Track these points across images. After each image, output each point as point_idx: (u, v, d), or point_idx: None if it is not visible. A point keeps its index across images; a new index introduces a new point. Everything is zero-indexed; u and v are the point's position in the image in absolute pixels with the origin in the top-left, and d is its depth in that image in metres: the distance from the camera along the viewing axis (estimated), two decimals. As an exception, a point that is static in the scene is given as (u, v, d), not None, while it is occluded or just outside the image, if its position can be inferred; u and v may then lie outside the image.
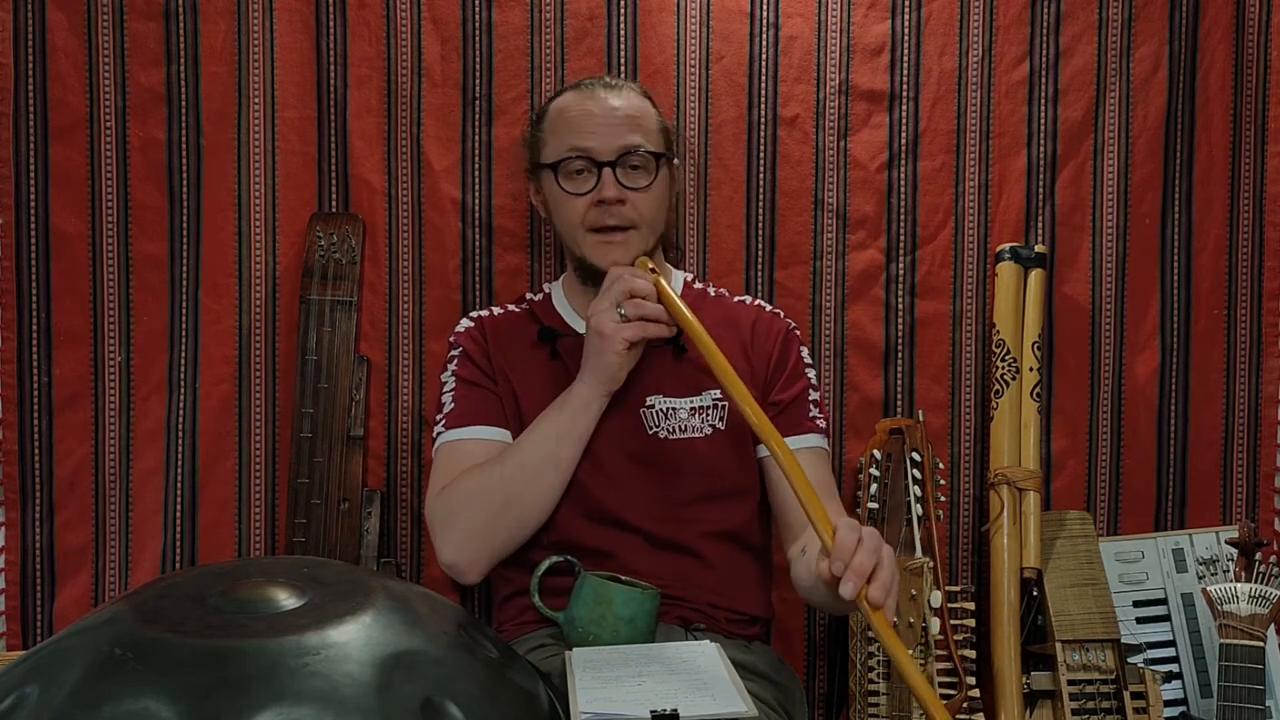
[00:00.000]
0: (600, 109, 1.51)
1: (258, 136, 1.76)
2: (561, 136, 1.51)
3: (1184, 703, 1.71)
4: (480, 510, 1.42)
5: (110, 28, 1.74)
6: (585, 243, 1.51)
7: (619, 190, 1.48)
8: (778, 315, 1.64)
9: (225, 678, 0.90)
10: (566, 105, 1.54)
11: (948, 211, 1.84)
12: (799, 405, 1.55)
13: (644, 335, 1.41)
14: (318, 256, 1.76)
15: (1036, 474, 1.73)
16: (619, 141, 1.49)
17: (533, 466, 1.42)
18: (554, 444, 1.43)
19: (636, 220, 1.50)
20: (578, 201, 1.49)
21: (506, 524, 1.43)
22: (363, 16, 1.77)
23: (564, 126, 1.52)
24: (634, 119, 1.52)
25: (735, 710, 1.05)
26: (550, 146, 1.53)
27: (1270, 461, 1.88)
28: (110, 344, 1.77)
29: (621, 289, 1.41)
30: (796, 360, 1.58)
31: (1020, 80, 1.83)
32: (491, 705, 0.99)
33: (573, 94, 1.55)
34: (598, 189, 1.48)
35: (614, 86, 1.55)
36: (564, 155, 1.49)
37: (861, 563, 1.10)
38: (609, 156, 1.48)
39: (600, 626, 1.36)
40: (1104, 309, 1.85)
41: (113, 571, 1.77)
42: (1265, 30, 1.83)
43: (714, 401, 1.52)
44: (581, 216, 1.50)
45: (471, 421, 1.51)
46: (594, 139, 1.49)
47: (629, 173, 1.49)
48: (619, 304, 1.40)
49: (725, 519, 1.51)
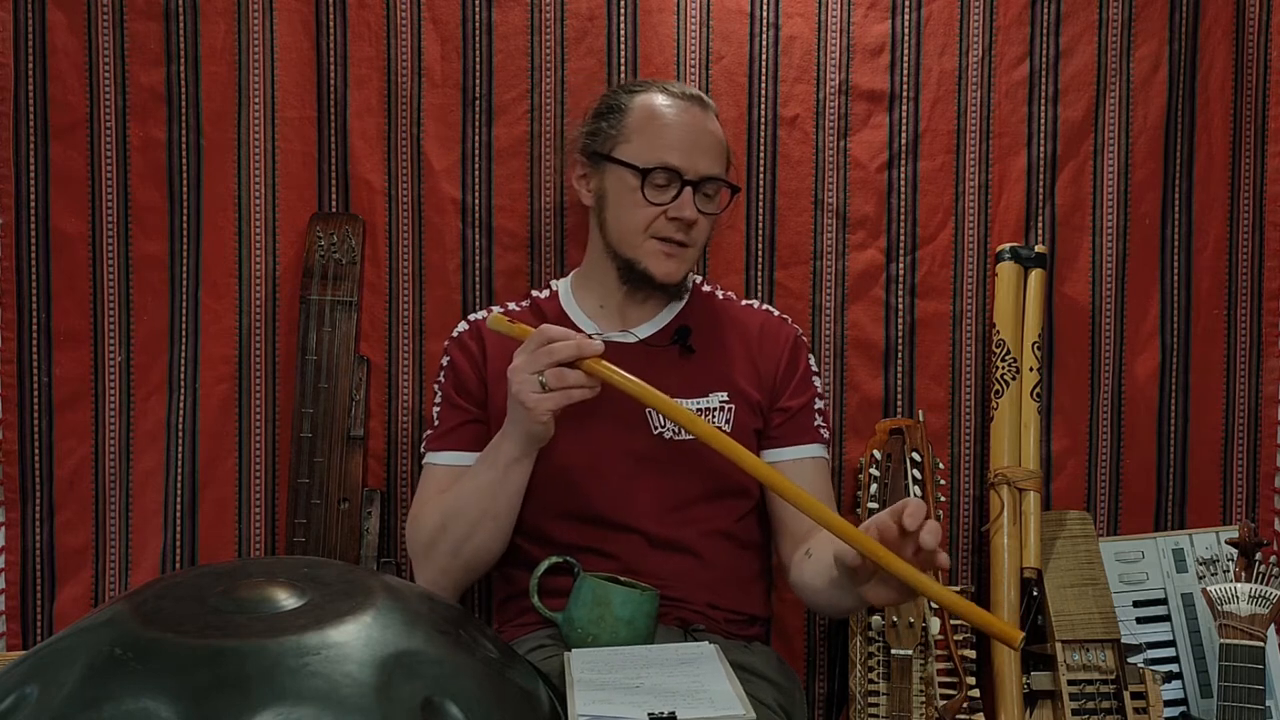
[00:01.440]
0: (698, 128, 1.51)
1: (258, 136, 1.76)
2: (654, 144, 1.50)
3: (1184, 703, 1.71)
4: (436, 556, 1.46)
5: (110, 28, 1.74)
6: (645, 248, 1.51)
7: (695, 212, 1.50)
8: (785, 321, 1.64)
9: (225, 678, 0.90)
10: (661, 111, 1.52)
11: (948, 211, 1.84)
12: (805, 414, 1.56)
13: (566, 403, 1.33)
14: (318, 256, 1.76)
15: (1036, 474, 1.73)
16: (705, 166, 1.51)
17: (471, 519, 1.43)
18: (489, 499, 1.43)
19: (696, 240, 1.53)
20: (652, 209, 1.50)
21: (459, 568, 1.46)
22: (363, 16, 1.77)
23: (658, 134, 1.50)
24: (720, 146, 1.54)
25: (734, 713, 1.05)
26: (636, 146, 1.51)
27: (1270, 461, 1.88)
28: (110, 344, 1.77)
29: (542, 360, 1.32)
30: (805, 369, 1.59)
31: (1020, 80, 1.83)
32: (491, 705, 0.99)
33: (667, 99, 1.53)
34: (676, 205, 1.49)
35: (708, 106, 1.55)
36: (655, 165, 1.49)
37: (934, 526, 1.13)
38: (694, 177, 1.50)
39: (599, 627, 1.36)
40: (1104, 309, 1.85)
41: (113, 571, 1.77)
42: (1265, 30, 1.83)
43: (720, 403, 1.52)
44: (649, 223, 1.50)
45: (446, 446, 1.53)
46: (687, 159, 1.49)
47: (705, 197, 1.51)
48: (543, 373, 1.32)
49: (725, 518, 1.51)
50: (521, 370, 1.33)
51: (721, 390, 1.52)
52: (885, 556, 1.12)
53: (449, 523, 1.44)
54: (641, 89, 1.56)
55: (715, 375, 1.53)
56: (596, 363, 1.31)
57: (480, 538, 1.44)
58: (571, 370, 1.31)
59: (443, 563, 1.45)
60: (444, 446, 1.54)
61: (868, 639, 1.63)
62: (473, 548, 1.44)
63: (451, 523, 1.44)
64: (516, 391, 1.33)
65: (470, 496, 1.44)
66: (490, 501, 1.43)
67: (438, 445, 1.54)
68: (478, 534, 1.43)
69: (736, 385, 1.53)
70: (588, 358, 1.30)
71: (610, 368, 1.30)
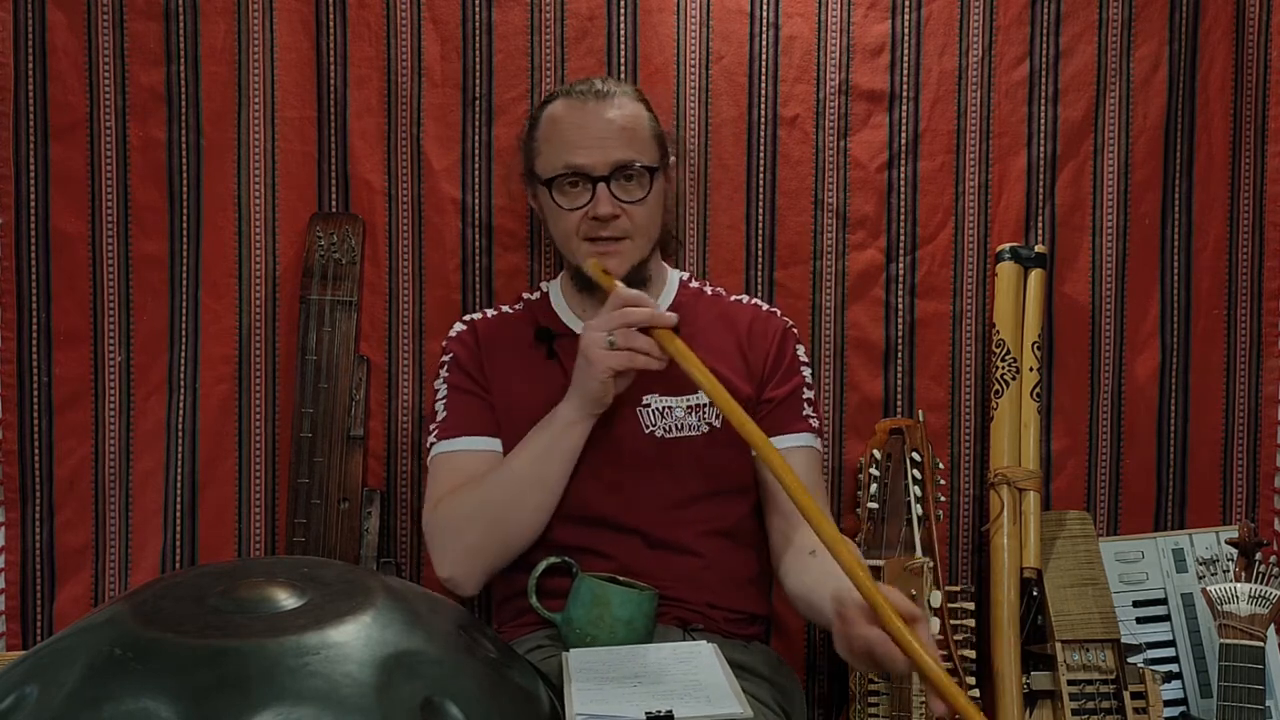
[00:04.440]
0: (593, 122, 1.49)
1: (258, 136, 1.76)
2: (555, 150, 1.51)
3: (1184, 703, 1.71)
4: (471, 529, 1.44)
5: (110, 28, 1.74)
6: (581, 252, 1.51)
7: (614, 206, 1.48)
8: (775, 314, 1.64)
9: (225, 678, 0.90)
10: (559, 116, 1.52)
11: (948, 211, 1.84)
12: (792, 403, 1.55)
13: (630, 365, 1.37)
14: (318, 256, 1.76)
15: (1036, 474, 1.73)
16: (613, 157, 1.48)
17: (520, 485, 1.43)
18: (540, 463, 1.43)
19: (631, 231, 1.51)
20: (573, 214, 1.50)
21: (497, 541, 1.45)
22: (363, 16, 1.76)
23: (557, 139, 1.51)
24: (628, 131, 1.51)
25: (731, 712, 1.06)
26: (544, 158, 1.52)
27: (1270, 461, 1.88)
28: (110, 344, 1.77)
29: (616, 320, 1.37)
30: (792, 358, 1.59)
31: (1020, 80, 1.83)
32: (491, 705, 0.99)
33: (565, 103, 1.53)
34: (592, 204, 1.48)
35: (606, 95, 1.52)
36: (558, 172, 1.49)
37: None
38: (603, 172, 1.48)
39: (598, 628, 1.36)
40: (1104, 309, 1.85)
41: (113, 571, 1.77)
42: (1265, 30, 1.83)
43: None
44: (576, 228, 1.50)
45: (463, 432, 1.52)
46: (587, 155, 1.48)
47: (624, 185, 1.49)
48: (612, 332, 1.37)
49: (722, 517, 1.51)
50: (594, 328, 1.38)
51: None
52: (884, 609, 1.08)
53: (490, 494, 1.42)
54: (552, 98, 1.56)
55: None
56: (667, 335, 1.35)
57: (526, 509, 1.43)
58: (642, 336, 1.35)
59: (477, 540, 1.43)
60: (459, 432, 1.52)
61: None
62: (516, 519, 1.43)
63: (495, 493, 1.42)
64: (585, 346, 1.38)
65: (519, 463, 1.43)
66: (542, 466, 1.42)
67: (451, 432, 1.52)
68: (525, 502, 1.42)
69: (727, 380, 1.52)
70: (660, 328, 1.35)
71: (679, 343, 1.34)
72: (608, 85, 1.54)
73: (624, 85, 1.57)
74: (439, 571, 1.47)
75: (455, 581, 1.46)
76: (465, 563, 1.45)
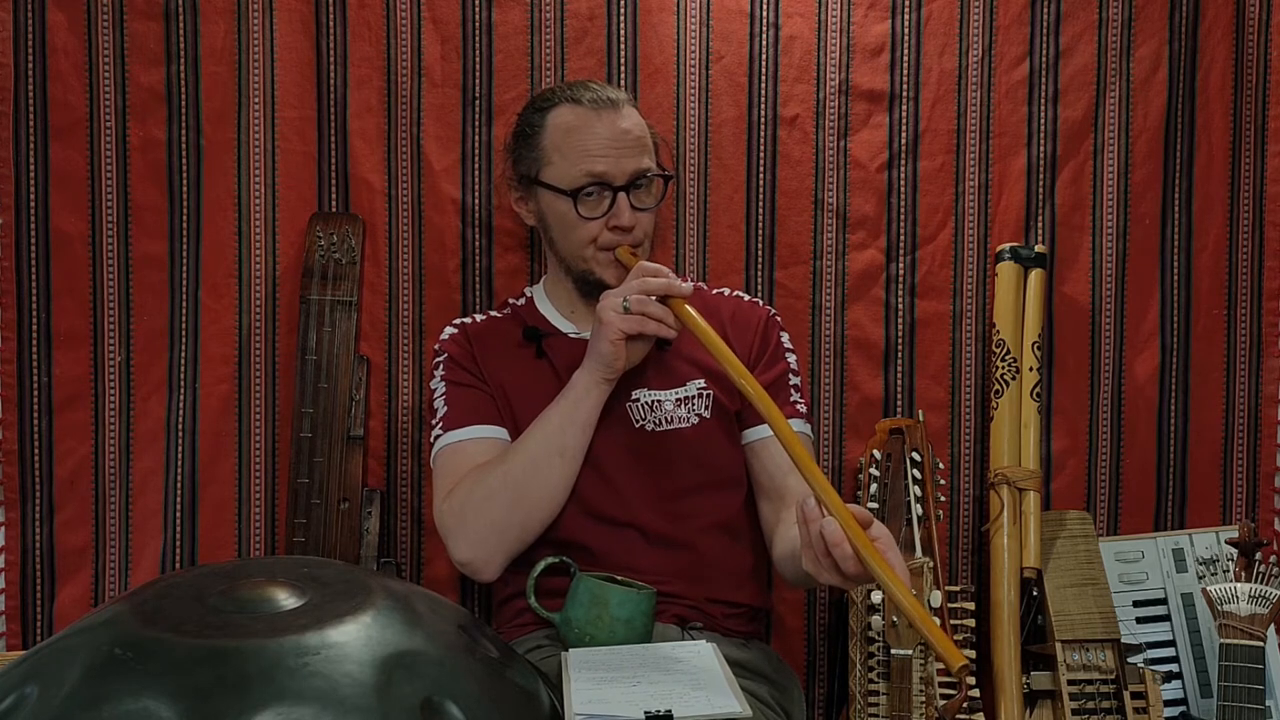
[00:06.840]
0: (610, 131, 1.51)
1: (258, 136, 1.76)
2: (573, 160, 1.51)
3: (1184, 703, 1.71)
4: (494, 505, 1.43)
5: (110, 28, 1.74)
6: (595, 260, 1.52)
7: (634, 215, 1.50)
8: (757, 303, 1.65)
9: (225, 678, 0.90)
10: (572, 125, 1.52)
11: (948, 211, 1.84)
12: (779, 388, 1.56)
13: (640, 330, 1.41)
14: (318, 256, 1.76)
15: (1036, 474, 1.73)
16: (632, 166, 1.51)
17: (539, 457, 1.43)
18: (557, 432, 1.43)
19: (643, 238, 1.54)
20: (592, 224, 1.50)
21: (519, 518, 1.44)
22: (363, 16, 1.76)
23: (573, 149, 1.51)
24: (640, 140, 1.53)
25: (730, 710, 1.06)
26: (557, 168, 1.52)
27: (1270, 461, 1.88)
28: (110, 344, 1.77)
29: (634, 286, 1.41)
30: (777, 344, 1.60)
31: (1020, 80, 1.83)
32: (491, 705, 0.99)
33: (575, 111, 1.52)
34: (613, 214, 1.50)
35: (615, 104, 1.53)
36: (580, 183, 1.50)
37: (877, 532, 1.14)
38: (622, 181, 1.50)
39: (597, 627, 1.36)
40: (1104, 309, 1.85)
41: (113, 571, 1.77)
42: (1265, 30, 1.83)
43: (699, 391, 1.53)
44: (593, 238, 1.51)
45: (468, 422, 1.51)
46: (608, 164, 1.50)
47: (638, 194, 1.52)
48: (627, 297, 1.41)
49: (718, 510, 1.52)
50: (613, 294, 1.42)
51: (699, 377, 1.54)
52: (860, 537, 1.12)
53: (511, 468, 1.43)
54: (550, 103, 1.55)
55: (691, 363, 1.55)
56: (681, 304, 1.40)
57: (548, 482, 1.43)
58: (656, 304, 1.40)
59: (501, 515, 1.42)
60: (465, 422, 1.51)
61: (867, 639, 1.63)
62: (538, 493, 1.43)
63: (515, 467, 1.42)
64: (601, 309, 1.42)
65: (538, 436, 1.44)
66: (559, 437, 1.43)
67: (457, 424, 1.52)
68: (546, 474, 1.42)
69: (713, 371, 1.53)
70: (675, 297, 1.40)
71: (693, 312, 1.38)
72: (612, 93, 1.55)
73: (622, 92, 1.58)
74: (457, 555, 1.45)
75: (474, 565, 1.44)
76: (487, 541, 1.43)
